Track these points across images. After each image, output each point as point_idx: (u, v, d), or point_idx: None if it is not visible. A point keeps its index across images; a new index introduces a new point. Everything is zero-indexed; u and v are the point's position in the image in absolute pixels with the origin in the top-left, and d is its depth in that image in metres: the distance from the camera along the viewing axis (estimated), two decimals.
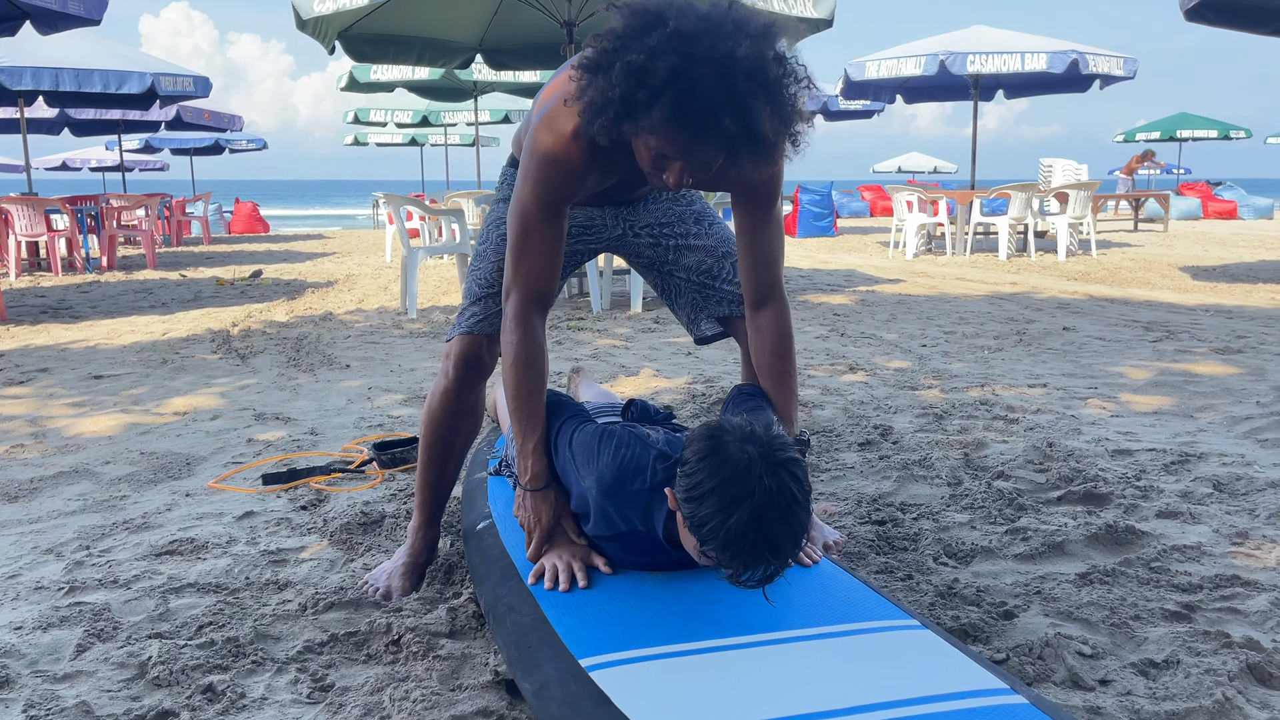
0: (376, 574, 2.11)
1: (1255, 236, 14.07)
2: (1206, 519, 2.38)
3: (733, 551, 1.45)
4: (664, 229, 2.14)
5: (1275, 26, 7.90)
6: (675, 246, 2.13)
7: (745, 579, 1.48)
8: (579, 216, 2.10)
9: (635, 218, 2.13)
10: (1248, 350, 4.77)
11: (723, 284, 2.12)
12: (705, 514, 1.46)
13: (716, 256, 2.12)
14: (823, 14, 6.75)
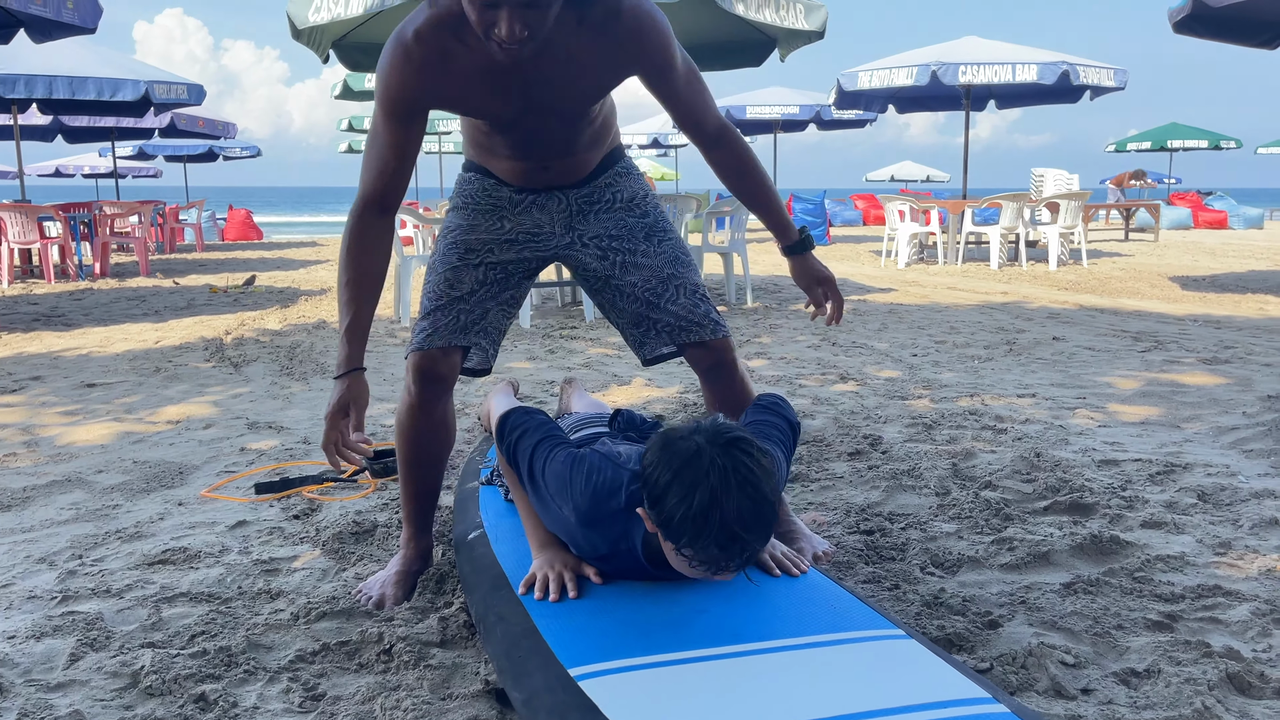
0: (370, 583, 2.12)
1: (1245, 246, 14.16)
2: (1190, 529, 2.41)
3: (704, 537, 1.47)
4: (612, 242, 2.12)
5: (1263, 38, 7.97)
6: (622, 263, 2.11)
7: (726, 564, 1.49)
8: (526, 223, 2.11)
9: (584, 227, 2.12)
10: (1235, 361, 4.81)
11: (662, 313, 2.10)
12: (670, 509, 1.49)
13: (661, 279, 2.10)
14: (814, 26, 6.80)
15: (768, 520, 1.51)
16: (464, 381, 4.54)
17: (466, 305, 2.08)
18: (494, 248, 2.12)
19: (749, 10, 6.19)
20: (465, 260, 2.10)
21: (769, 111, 15.66)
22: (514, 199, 2.11)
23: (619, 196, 2.15)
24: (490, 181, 2.12)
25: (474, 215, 2.12)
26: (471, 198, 2.14)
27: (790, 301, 7.58)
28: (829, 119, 16.03)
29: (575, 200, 2.12)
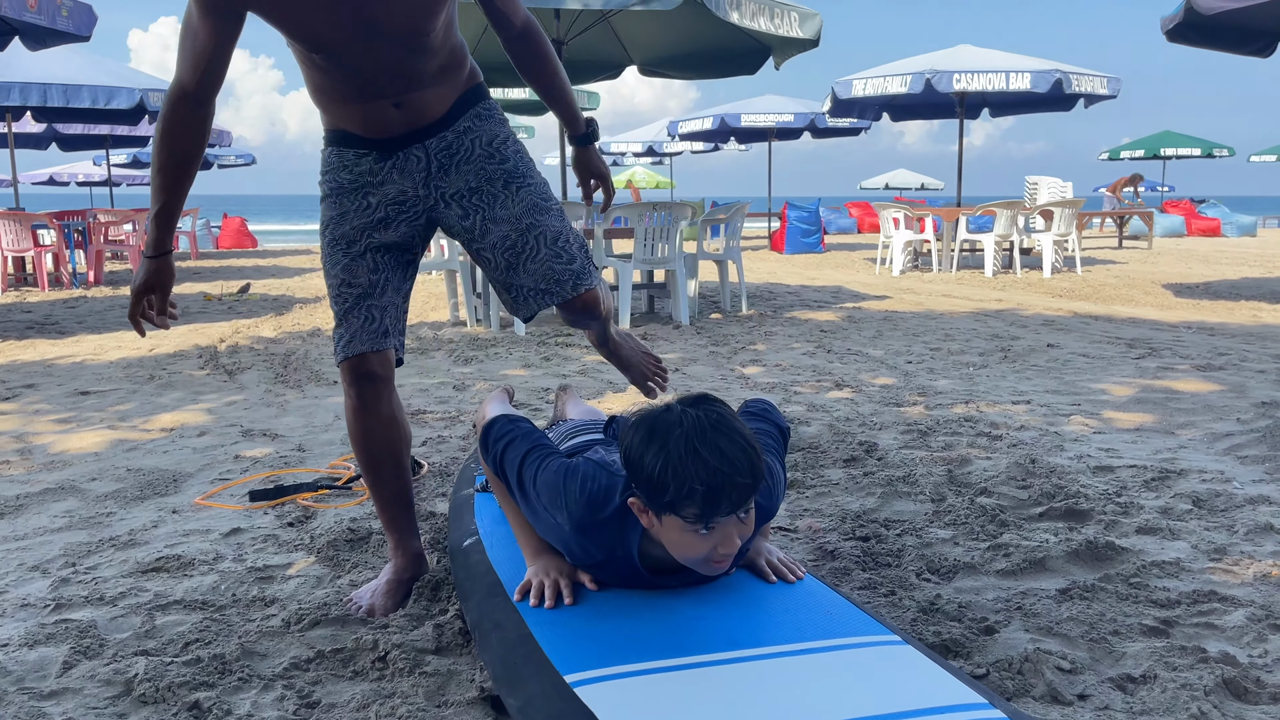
0: (361, 593, 2.12)
1: (1238, 254, 14.21)
2: (1185, 535, 2.41)
3: (690, 482, 1.48)
4: (473, 197, 2.10)
5: (1255, 47, 8.02)
6: (482, 220, 2.10)
7: (720, 507, 1.50)
8: (391, 193, 2.07)
9: (445, 183, 2.09)
10: (1229, 367, 4.82)
11: (524, 275, 2.09)
12: (651, 471, 1.51)
13: (520, 230, 2.08)
14: (809, 34, 6.83)
15: (750, 457, 1.53)
16: (458, 389, 4.54)
17: (374, 300, 2.07)
18: (371, 232, 2.08)
19: (744, 19, 6.21)
20: (350, 253, 2.08)
21: (764, 120, 15.71)
22: (375, 169, 2.06)
23: (478, 142, 2.11)
24: (350, 155, 2.06)
25: (341, 201, 2.09)
26: (335, 181, 2.09)
27: (785, 309, 7.59)
28: (824, 127, 16.07)
29: (435, 155, 2.07)
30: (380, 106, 2.02)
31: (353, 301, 2.07)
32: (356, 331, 2.06)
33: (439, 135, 2.10)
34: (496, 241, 2.09)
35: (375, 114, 2.03)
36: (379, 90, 2.00)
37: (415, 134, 2.08)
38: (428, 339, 6.20)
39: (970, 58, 10.85)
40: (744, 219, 8.19)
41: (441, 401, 4.27)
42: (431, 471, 3.13)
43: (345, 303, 2.08)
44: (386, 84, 2.00)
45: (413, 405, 4.18)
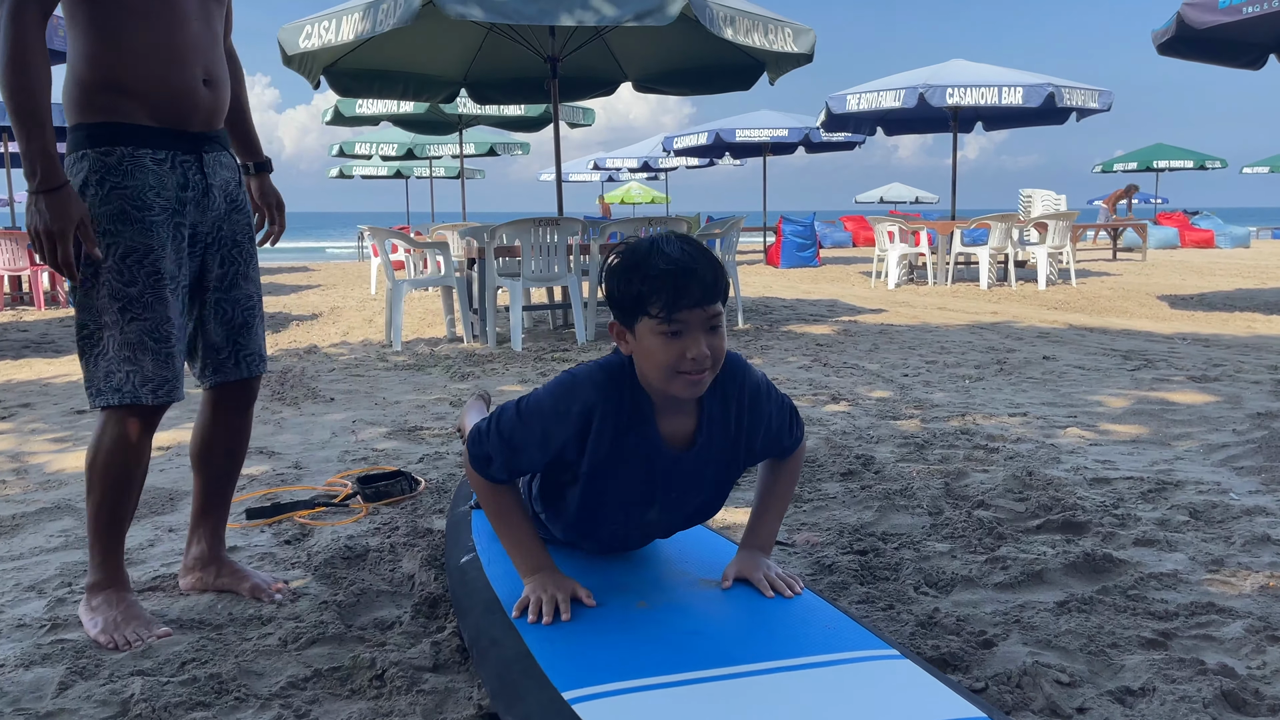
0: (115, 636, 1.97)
1: (1232, 265, 14.26)
2: (1183, 547, 2.42)
3: (654, 272, 1.61)
4: (234, 249, 2.11)
5: (1246, 60, 8.08)
6: (233, 275, 2.12)
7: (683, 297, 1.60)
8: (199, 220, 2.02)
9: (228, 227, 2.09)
10: (1224, 378, 4.83)
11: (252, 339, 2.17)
12: (622, 279, 1.65)
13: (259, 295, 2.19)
14: (803, 49, 6.86)
15: (711, 259, 1.65)
16: (455, 405, 4.54)
17: (178, 348, 2.02)
18: (183, 267, 2.01)
19: (738, 34, 6.24)
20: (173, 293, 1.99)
21: (758, 135, 15.76)
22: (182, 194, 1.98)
23: (241, 190, 2.14)
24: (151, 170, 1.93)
25: (159, 231, 1.95)
26: (142, 199, 1.93)
27: (781, 323, 7.60)
28: (818, 141, 16.13)
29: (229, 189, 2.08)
30: (192, 74, 1.95)
31: (165, 351, 1.98)
32: (168, 379, 2.00)
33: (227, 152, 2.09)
34: (240, 299, 2.13)
35: (186, 86, 1.94)
36: (192, 50, 1.94)
37: (212, 139, 2.03)
38: (424, 355, 6.20)
39: (963, 72, 10.91)
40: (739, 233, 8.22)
41: (438, 418, 4.27)
42: (429, 488, 3.13)
43: (162, 347, 1.97)
44: (200, 44, 1.95)
45: (410, 422, 4.18)
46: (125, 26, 1.88)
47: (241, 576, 2.27)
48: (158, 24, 1.90)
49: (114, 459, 2.03)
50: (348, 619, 2.11)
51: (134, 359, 1.95)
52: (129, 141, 1.91)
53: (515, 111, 11.28)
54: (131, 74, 1.90)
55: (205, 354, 2.15)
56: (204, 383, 2.20)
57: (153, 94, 1.91)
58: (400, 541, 2.59)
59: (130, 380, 1.96)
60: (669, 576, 1.94)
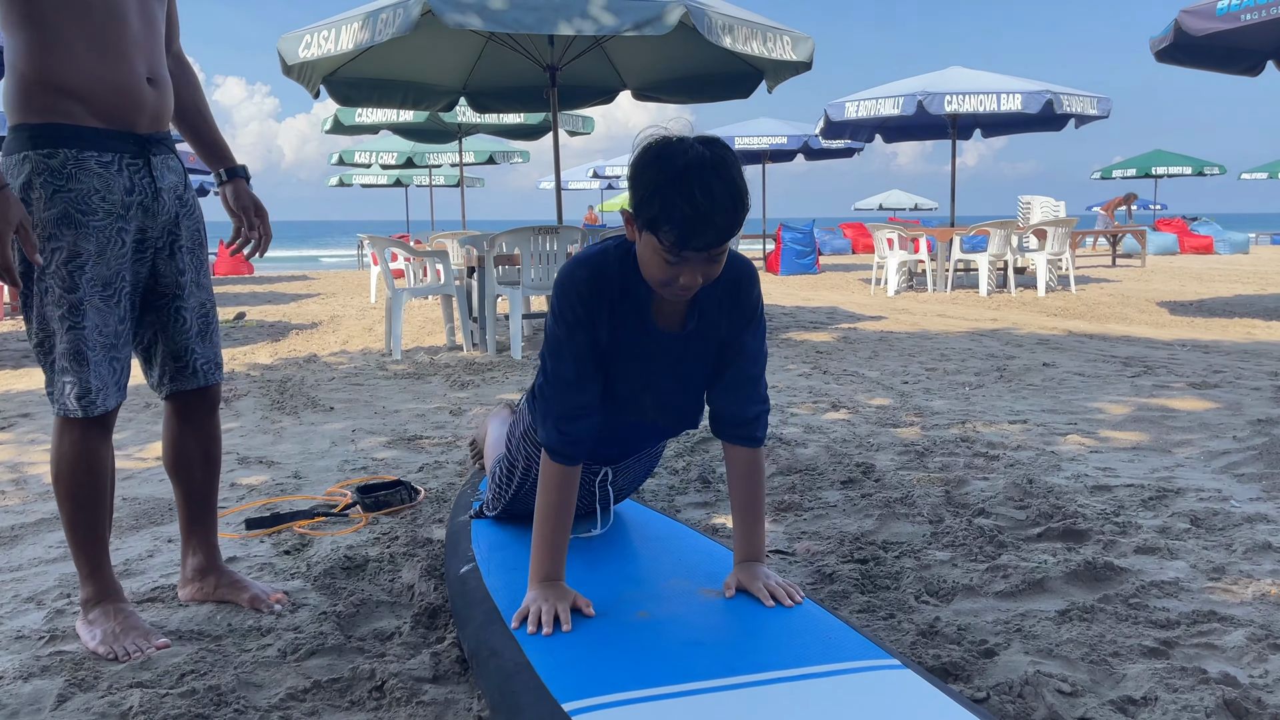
0: (115, 647, 1.97)
1: (1231, 271, 14.26)
2: (1184, 555, 2.41)
3: (674, 210, 1.58)
4: (189, 256, 2.09)
5: (1244, 66, 8.09)
6: (189, 284, 2.10)
7: (692, 240, 1.59)
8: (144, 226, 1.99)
9: (179, 231, 2.07)
10: (1224, 385, 4.83)
11: (208, 347, 2.17)
12: (646, 187, 1.62)
13: (211, 301, 2.18)
14: (802, 56, 6.87)
15: (736, 204, 1.61)
16: (455, 414, 4.53)
17: (119, 353, 1.99)
18: (124, 274, 1.98)
19: (737, 42, 6.25)
20: (107, 299, 1.95)
21: (757, 142, 15.78)
22: (127, 199, 1.95)
23: (190, 194, 2.13)
24: (95, 174, 1.90)
25: (100, 236, 1.92)
26: (85, 204, 1.90)
27: (781, 330, 7.60)
28: (817, 149, 16.16)
29: (179, 192, 2.08)
30: (136, 73, 1.93)
31: (104, 355, 1.95)
32: (109, 386, 1.97)
33: (175, 156, 2.07)
34: (197, 306, 2.13)
35: (130, 84, 1.92)
36: (134, 48, 1.92)
37: (158, 139, 2.02)
38: (424, 364, 6.19)
39: (961, 79, 10.93)
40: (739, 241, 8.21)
41: (438, 427, 4.26)
42: (428, 497, 3.12)
43: (96, 353, 1.94)
44: (140, 41, 1.94)
45: (409, 431, 4.17)
46: (63, 23, 1.86)
47: (241, 587, 2.27)
48: (96, 20, 1.87)
49: (75, 469, 2.01)
50: (347, 630, 2.10)
51: (69, 370, 1.93)
52: (73, 144, 1.88)
53: (514, 120, 11.28)
54: (72, 72, 1.87)
55: (164, 362, 2.14)
56: (161, 392, 2.18)
57: (95, 92, 1.89)
58: (400, 551, 2.59)
59: (70, 390, 1.94)
60: (669, 587, 1.93)
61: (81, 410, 1.95)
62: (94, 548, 2.07)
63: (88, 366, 1.94)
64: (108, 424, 2.03)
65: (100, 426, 2.02)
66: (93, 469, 2.02)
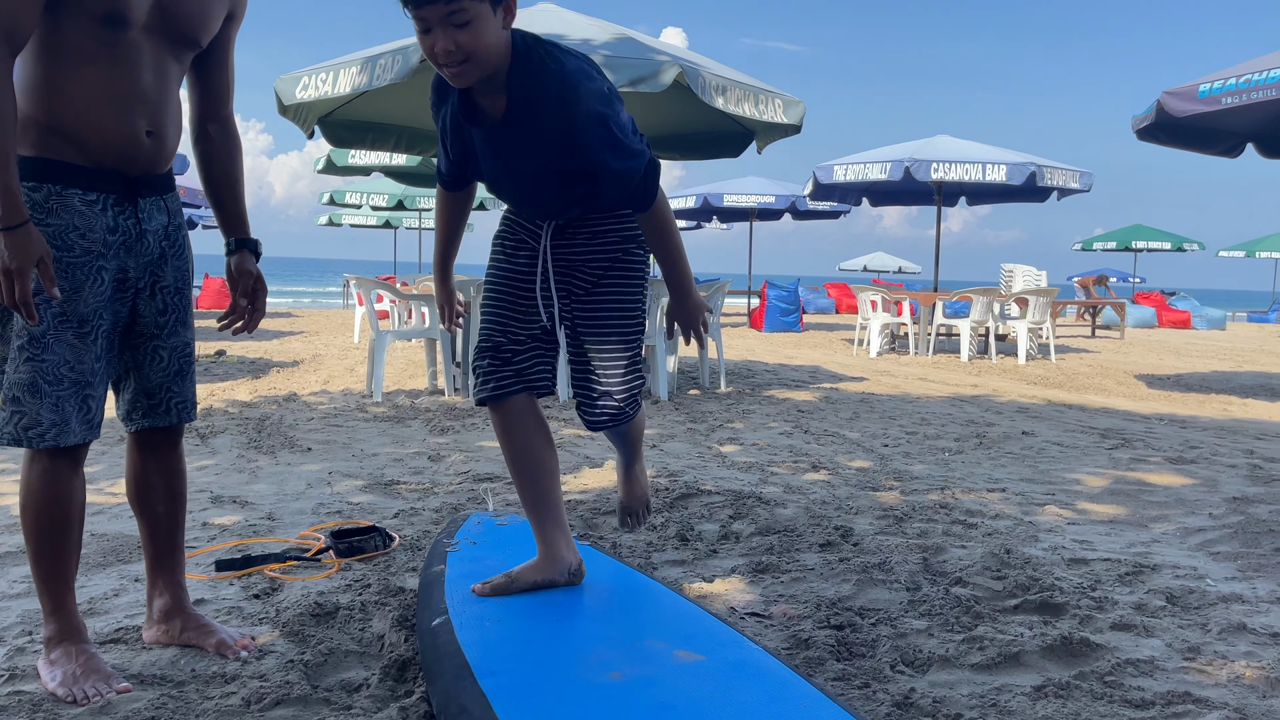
0: (74, 690, 1.93)
1: (1209, 347, 14.44)
2: (1160, 632, 2.41)
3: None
4: (173, 296, 2.11)
5: (1223, 148, 8.26)
6: (172, 324, 2.11)
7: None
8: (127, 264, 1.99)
9: (162, 273, 2.08)
10: (1200, 461, 4.86)
11: (186, 386, 2.17)
12: None
13: (192, 341, 2.20)
14: (792, 119, 6.98)
15: None
16: (433, 459, 4.50)
17: (93, 390, 1.98)
18: (103, 312, 1.97)
19: (729, 104, 6.35)
20: (83, 336, 1.95)
21: (746, 200, 15.96)
22: (109, 238, 1.95)
23: (181, 234, 2.14)
24: (77, 211, 1.92)
25: (75, 273, 1.91)
26: (63, 240, 1.91)
27: (763, 387, 7.62)
28: (804, 209, 16.34)
29: (168, 232, 2.08)
30: (135, 126, 1.95)
31: (72, 389, 1.94)
32: (73, 421, 1.94)
33: (170, 195, 2.09)
34: (178, 346, 2.14)
35: (126, 136, 1.94)
36: (138, 101, 1.94)
37: (149, 182, 2.02)
38: (405, 407, 6.16)
39: (948, 148, 11.11)
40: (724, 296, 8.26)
41: (416, 472, 4.23)
42: (403, 544, 3.09)
43: (61, 386, 1.92)
44: (148, 95, 1.95)
45: (386, 475, 4.14)
46: (70, 70, 1.87)
47: (207, 631, 2.22)
48: (104, 72, 1.89)
49: (41, 503, 1.98)
50: (314, 679, 2.06)
51: (20, 400, 1.91)
52: (58, 179, 1.90)
53: None
54: (69, 114, 1.89)
55: (136, 398, 2.13)
56: (130, 427, 2.17)
57: (87, 137, 1.91)
58: (372, 599, 2.55)
59: (12, 423, 1.92)
60: (643, 647, 1.91)
61: (27, 441, 1.92)
62: (59, 585, 2.03)
63: (41, 399, 1.91)
64: (78, 458, 2.01)
65: (69, 459, 1.99)
66: (59, 503, 1.98)
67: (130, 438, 2.21)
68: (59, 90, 1.89)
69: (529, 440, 2.29)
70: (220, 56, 2.16)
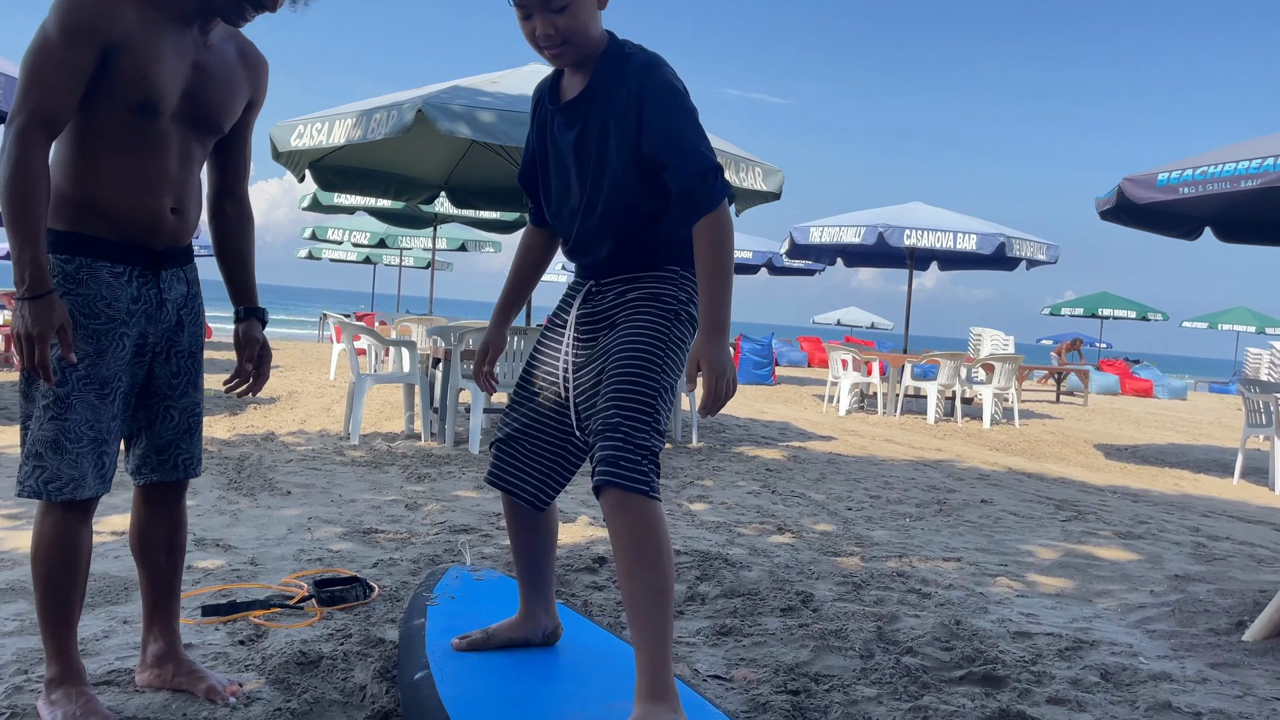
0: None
1: (1168, 417, 14.81)
2: (1091, 708, 2.58)
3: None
4: (187, 360, 2.26)
5: (1183, 230, 8.62)
6: (184, 385, 2.26)
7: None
8: (148, 331, 2.15)
9: (179, 338, 2.23)
10: (1148, 536, 5.07)
11: (193, 444, 2.31)
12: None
13: (200, 406, 2.32)
14: (772, 188, 7.24)
15: None
16: (410, 508, 4.62)
17: (108, 448, 2.11)
18: (122, 375, 2.11)
19: None
20: (103, 397, 2.08)
21: None
22: (132, 307, 2.11)
23: (198, 302, 2.30)
24: (105, 283, 2.07)
25: (100, 339, 2.07)
26: (91, 308, 2.06)
27: (734, 443, 7.80)
28: (780, 266, 16.66)
29: (186, 301, 2.24)
30: (160, 204, 2.11)
31: (90, 445, 2.07)
32: (89, 477, 2.08)
33: (189, 266, 2.25)
34: (188, 406, 2.29)
35: (153, 213, 2.10)
36: (164, 182, 2.11)
37: (171, 255, 2.19)
38: (381, 451, 6.28)
39: (921, 215, 11.46)
40: None
41: (394, 521, 4.35)
42: (382, 595, 3.21)
43: (80, 444, 2.06)
44: (173, 176, 2.13)
45: (365, 523, 4.26)
46: (103, 153, 2.05)
47: (198, 677, 2.34)
48: (134, 155, 2.07)
49: (51, 550, 2.11)
50: None
51: (43, 456, 2.06)
52: (89, 253, 2.07)
53: (490, 215, 11.58)
54: (101, 194, 2.06)
55: (146, 454, 2.28)
56: (138, 480, 2.31)
57: (117, 214, 2.08)
58: (354, 650, 2.68)
59: (34, 476, 2.06)
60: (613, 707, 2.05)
61: (46, 494, 2.07)
62: (63, 629, 2.16)
63: (62, 456, 2.06)
64: (89, 510, 2.14)
65: (81, 512, 2.12)
66: (69, 552, 2.11)
67: (137, 490, 2.34)
68: (93, 171, 2.06)
69: (526, 521, 2.36)
70: (240, 140, 2.35)
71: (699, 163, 2.01)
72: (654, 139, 2.02)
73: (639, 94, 2.03)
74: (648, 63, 2.06)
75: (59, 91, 1.95)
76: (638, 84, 2.03)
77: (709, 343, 1.99)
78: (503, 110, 6.01)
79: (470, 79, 6.68)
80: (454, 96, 6.06)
